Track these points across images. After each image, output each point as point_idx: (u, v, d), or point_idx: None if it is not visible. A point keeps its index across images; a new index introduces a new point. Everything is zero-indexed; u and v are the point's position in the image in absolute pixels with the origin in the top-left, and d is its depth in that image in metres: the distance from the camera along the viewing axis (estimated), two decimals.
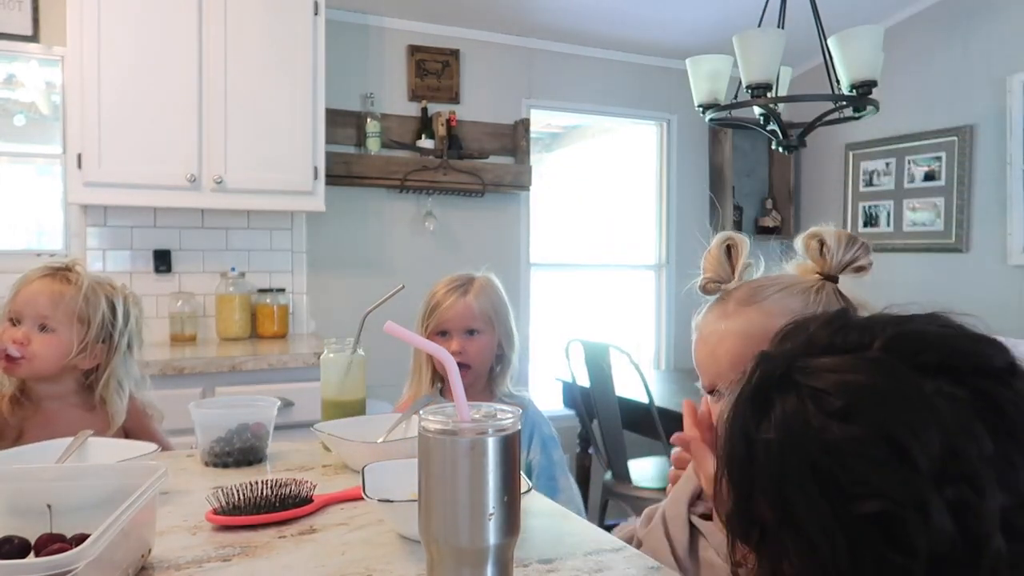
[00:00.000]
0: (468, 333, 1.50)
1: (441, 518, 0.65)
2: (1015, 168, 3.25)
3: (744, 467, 0.58)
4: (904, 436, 0.51)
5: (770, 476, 0.56)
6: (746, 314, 0.87)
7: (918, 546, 0.49)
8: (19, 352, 1.31)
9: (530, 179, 3.58)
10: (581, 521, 0.99)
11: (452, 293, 1.51)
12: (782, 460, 0.55)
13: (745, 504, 0.58)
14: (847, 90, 2.33)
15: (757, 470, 0.57)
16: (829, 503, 0.52)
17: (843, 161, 3.97)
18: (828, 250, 0.88)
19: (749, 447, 0.58)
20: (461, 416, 0.68)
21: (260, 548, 0.87)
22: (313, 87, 2.84)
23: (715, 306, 0.91)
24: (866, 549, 0.51)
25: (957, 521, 0.49)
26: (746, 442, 0.58)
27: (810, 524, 0.53)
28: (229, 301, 2.97)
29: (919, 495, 0.50)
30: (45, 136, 2.88)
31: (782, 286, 0.88)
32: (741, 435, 0.59)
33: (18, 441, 1.33)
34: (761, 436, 0.57)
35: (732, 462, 0.60)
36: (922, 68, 3.59)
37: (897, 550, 0.50)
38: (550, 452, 1.50)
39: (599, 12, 3.45)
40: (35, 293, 1.34)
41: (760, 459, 0.57)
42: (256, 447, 1.26)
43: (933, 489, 0.50)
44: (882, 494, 0.50)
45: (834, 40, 2.34)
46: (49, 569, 0.59)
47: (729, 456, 0.60)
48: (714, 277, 0.93)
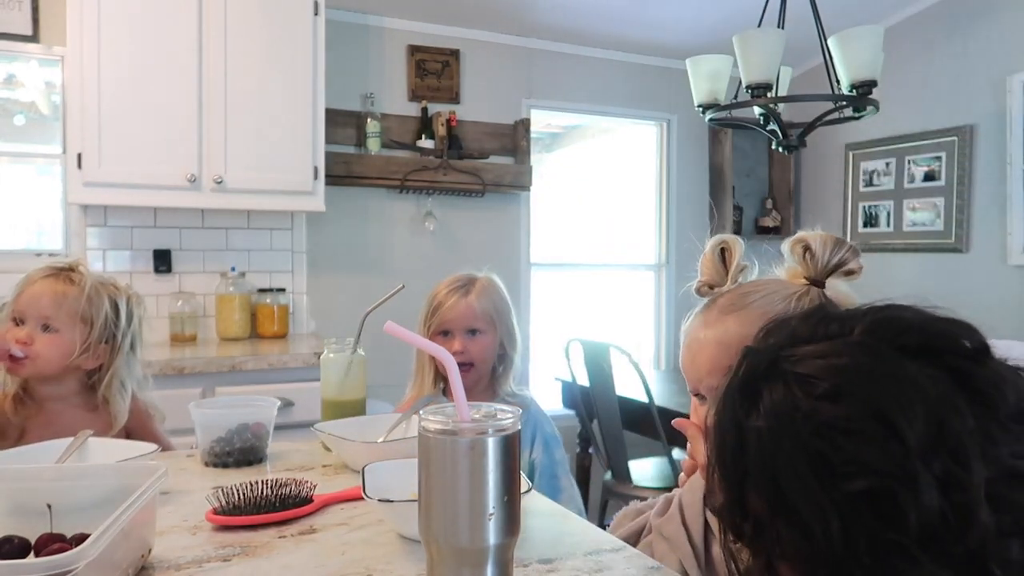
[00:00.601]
0: (470, 333, 1.50)
1: (441, 518, 0.65)
2: (1015, 168, 3.25)
3: (736, 457, 0.59)
4: (892, 412, 0.52)
5: (762, 464, 0.56)
6: (724, 323, 0.88)
7: (909, 521, 0.50)
8: (22, 352, 1.31)
9: (530, 179, 3.58)
10: (581, 521, 0.99)
11: (454, 294, 1.51)
12: (774, 446, 0.56)
13: (737, 497, 0.59)
14: (847, 90, 2.33)
15: (749, 459, 0.57)
16: (821, 484, 0.53)
17: (843, 161, 3.97)
18: (812, 255, 0.88)
19: (740, 437, 0.59)
20: (461, 416, 0.68)
21: (260, 548, 0.87)
22: (313, 87, 2.84)
23: (700, 313, 0.92)
24: (859, 528, 0.52)
25: (945, 495, 0.50)
26: (736, 432, 0.59)
27: (803, 508, 0.53)
28: (229, 301, 2.97)
29: (909, 470, 0.51)
30: (45, 136, 2.88)
31: (765, 293, 0.88)
32: (731, 426, 0.60)
33: (20, 441, 1.33)
34: (751, 425, 0.58)
35: (723, 453, 0.61)
36: (922, 68, 3.59)
37: (889, 527, 0.51)
38: (552, 451, 1.50)
39: (599, 12, 3.45)
40: (38, 293, 1.34)
41: (751, 448, 0.57)
42: (256, 447, 1.26)
43: (922, 464, 0.51)
44: (873, 471, 0.52)
45: (834, 40, 2.34)
46: (49, 569, 0.59)
47: (720, 448, 0.61)
48: (708, 280, 0.94)
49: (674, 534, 0.90)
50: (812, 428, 0.54)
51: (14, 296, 1.36)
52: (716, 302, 0.91)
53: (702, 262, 0.95)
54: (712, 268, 0.93)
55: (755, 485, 0.57)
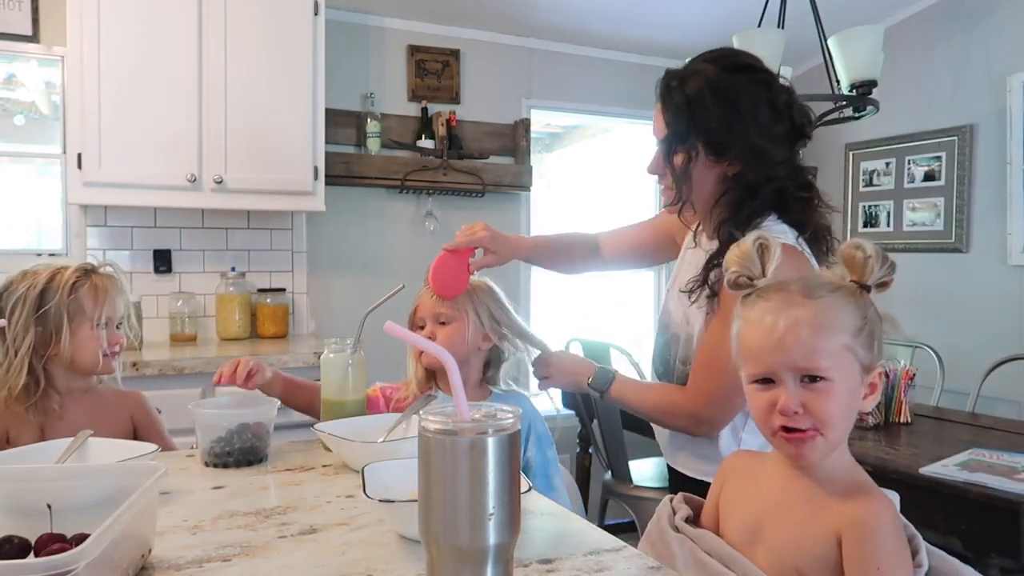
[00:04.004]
0: (440, 323, 1.48)
1: (441, 518, 0.65)
2: (1015, 168, 3.25)
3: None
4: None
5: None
6: (815, 306, 0.88)
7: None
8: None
9: (530, 179, 3.58)
10: (581, 521, 0.99)
11: (426, 286, 1.50)
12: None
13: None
14: (847, 90, 2.33)
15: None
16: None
17: (843, 161, 3.97)
18: (870, 262, 0.92)
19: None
20: (461, 416, 0.68)
21: (260, 548, 0.87)
22: (313, 87, 2.84)
23: (772, 296, 0.91)
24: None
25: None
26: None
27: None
28: (229, 301, 2.97)
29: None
30: (45, 136, 2.88)
31: (835, 286, 0.91)
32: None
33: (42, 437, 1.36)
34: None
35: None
36: (922, 68, 3.59)
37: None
38: (545, 450, 1.50)
39: (599, 12, 3.45)
40: (111, 297, 1.46)
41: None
42: (256, 447, 1.26)
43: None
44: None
45: (834, 40, 2.34)
46: (49, 569, 0.59)
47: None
48: (744, 272, 0.94)
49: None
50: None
51: (88, 303, 1.42)
52: (788, 286, 0.91)
53: (736, 254, 0.96)
54: (749, 261, 0.94)
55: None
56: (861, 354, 0.89)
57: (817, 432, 0.87)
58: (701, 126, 1.30)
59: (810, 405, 0.87)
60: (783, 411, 0.87)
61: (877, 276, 0.92)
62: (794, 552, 0.88)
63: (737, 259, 0.95)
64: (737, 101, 1.29)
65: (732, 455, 1.08)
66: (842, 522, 0.86)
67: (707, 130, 1.30)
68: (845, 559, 0.85)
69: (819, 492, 0.90)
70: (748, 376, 0.92)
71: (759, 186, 1.30)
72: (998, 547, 1.75)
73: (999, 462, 1.93)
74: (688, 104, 1.31)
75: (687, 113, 1.31)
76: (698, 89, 1.31)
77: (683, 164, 1.32)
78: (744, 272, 0.94)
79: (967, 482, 1.78)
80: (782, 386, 0.88)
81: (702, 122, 1.30)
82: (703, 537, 0.95)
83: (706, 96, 1.30)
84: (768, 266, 0.94)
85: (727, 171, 1.33)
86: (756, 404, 0.91)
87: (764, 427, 0.91)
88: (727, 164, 1.32)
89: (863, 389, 0.90)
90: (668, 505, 1.03)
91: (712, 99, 1.29)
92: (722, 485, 1.03)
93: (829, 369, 0.87)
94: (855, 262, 0.93)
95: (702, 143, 1.31)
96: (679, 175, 1.33)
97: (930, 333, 3.24)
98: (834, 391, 0.87)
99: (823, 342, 0.87)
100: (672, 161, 1.34)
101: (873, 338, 0.90)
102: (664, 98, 1.36)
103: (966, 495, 1.76)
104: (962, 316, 3.37)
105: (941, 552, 0.92)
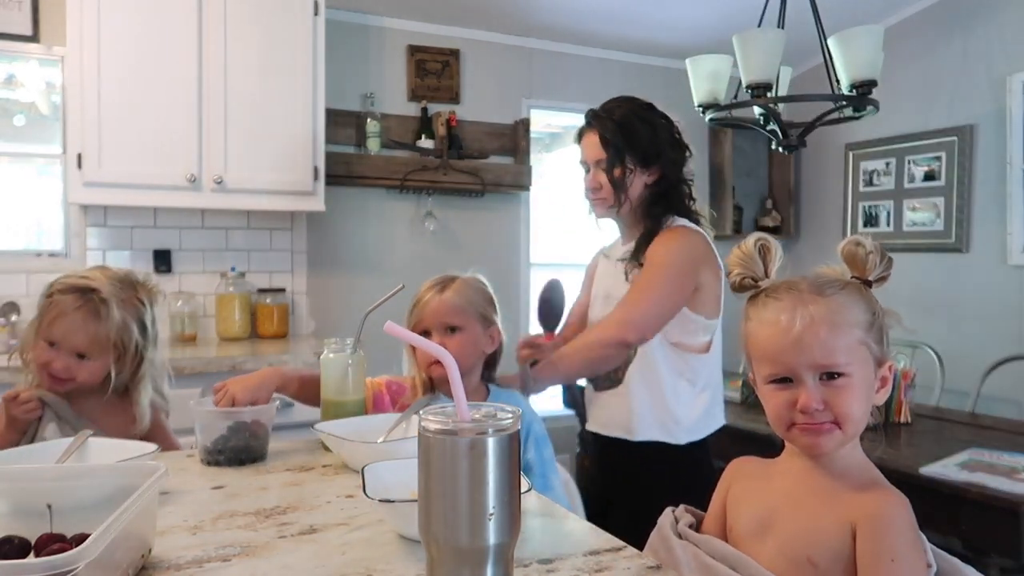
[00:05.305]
0: (450, 331, 1.47)
1: (441, 518, 0.65)
2: (1015, 168, 3.25)
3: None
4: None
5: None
6: (828, 303, 0.89)
7: None
8: (64, 375, 1.39)
9: (530, 179, 3.58)
10: (581, 521, 0.99)
11: (431, 291, 1.49)
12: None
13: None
14: (847, 90, 2.33)
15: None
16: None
17: (843, 161, 3.97)
18: (871, 258, 0.93)
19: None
20: (461, 416, 0.68)
21: (260, 548, 0.87)
22: (313, 87, 2.84)
23: (783, 295, 0.91)
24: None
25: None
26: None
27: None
28: (229, 301, 2.97)
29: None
30: (45, 136, 2.88)
31: (842, 283, 0.93)
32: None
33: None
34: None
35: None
36: (922, 68, 3.59)
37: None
38: (542, 450, 1.50)
39: (599, 12, 3.45)
40: (72, 329, 1.38)
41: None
42: (255, 446, 1.26)
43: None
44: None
45: (834, 40, 2.34)
46: (49, 569, 0.59)
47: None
48: (747, 274, 0.95)
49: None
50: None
51: (43, 316, 1.40)
52: (798, 285, 0.92)
53: (737, 256, 0.97)
54: (751, 262, 0.95)
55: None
56: (874, 348, 0.90)
57: (835, 426, 0.88)
58: (634, 143, 1.70)
59: (831, 401, 0.87)
60: (804, 409, 0.87)
61: (877, 271, 0.93)
62: (806, 542, 0.88)
63: (739, 261, 0.96)
64: (653, 124, 1.73)
65: (738, 460, 1.07)
66: (858, 514, 0.86)
67: (639, 146, 1.70)
68: (859, 550, 0.85)
69: (834, 485, 0.90)
70: (764, 377, 0.92)
71: (671, 188, 1.74)
72: (998, 547, 1.76)
73: (999, 462, 1.94)
74: (620, 127, 1.71)
75: (621, 134, 1.70)
76: (624, 115, 1.72)
77: (621, 175, 1.71)
78: (747, 273, 0.95)
79: (967, 482, 1.79)
80: (801, 385, 0.88)
81: (634, 140, 1.70)
82: (707, 542, 0.95)
83: (633, 120, 1.72)
84: (771, 266, 0.94)
85: (648, 179, 1.74)
86: (773, 403, 0.91)
87: (779, 424, 0.91)
88: (648, 173, 1.73)
89: (877, 383, 0.91)
90: (670, 515, 1.03)
91: (638, 123, 1.72)
92: (728, 487, 1.03)
93: (848, 365, 0.87)
94: (856, 258, 0.94)
95: (636, 157, 1.71)
96: (619, 184, 1.72)
97: (930, 333, 3.24)
98: (853, 386, 0.88)
99: (840, 338, 0.87)
100: (613, 174, 1.71)
101: (883, 332, 0.91)
102: (598, 125, 1.73)
103: (966, 495, 1.76)
104: (962, 316, 3.37)
105: (942, 552, 0.92)
